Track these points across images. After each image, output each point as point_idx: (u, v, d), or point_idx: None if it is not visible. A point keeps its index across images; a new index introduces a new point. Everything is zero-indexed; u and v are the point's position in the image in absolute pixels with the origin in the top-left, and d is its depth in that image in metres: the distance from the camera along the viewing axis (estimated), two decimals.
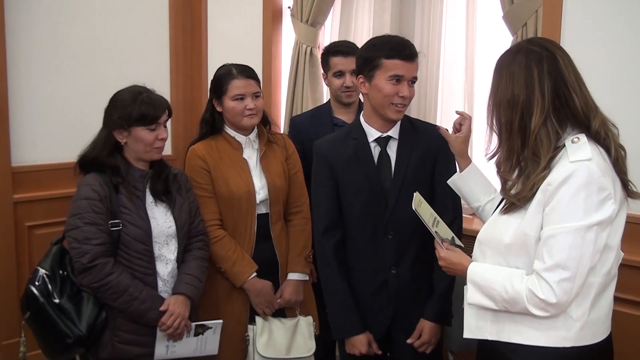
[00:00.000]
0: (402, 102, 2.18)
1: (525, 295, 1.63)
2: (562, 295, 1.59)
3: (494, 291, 1.69)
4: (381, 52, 2.17)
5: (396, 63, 2.15)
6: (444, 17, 3.22)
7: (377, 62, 2.17)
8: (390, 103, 2.18)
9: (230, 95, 2.55)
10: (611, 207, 1.60)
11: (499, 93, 1.71)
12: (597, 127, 1.67)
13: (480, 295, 1.74)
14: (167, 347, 2.39)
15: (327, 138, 2.42)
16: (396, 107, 2.19)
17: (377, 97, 2.19)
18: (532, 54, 1.68)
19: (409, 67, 2.17)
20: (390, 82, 2.16)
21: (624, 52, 2.47)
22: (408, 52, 2.17)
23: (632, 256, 2.30)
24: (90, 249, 2.22)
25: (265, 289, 2.59)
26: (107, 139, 2.35)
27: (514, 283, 1.66)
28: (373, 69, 2.18)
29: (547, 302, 1.60)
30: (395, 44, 2.18)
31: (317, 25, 3.56)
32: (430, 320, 2.27)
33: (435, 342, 2.31)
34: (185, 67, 4.17)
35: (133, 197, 2.34)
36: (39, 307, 2.24)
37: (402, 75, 2.16)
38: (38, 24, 3.45)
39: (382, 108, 2.21)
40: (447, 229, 1.94)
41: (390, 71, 2.15)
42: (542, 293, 1.60)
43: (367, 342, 2.27)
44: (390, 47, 2.17)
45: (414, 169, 2.25)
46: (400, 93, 2.16)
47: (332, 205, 2.31)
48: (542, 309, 1.62)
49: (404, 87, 2.17)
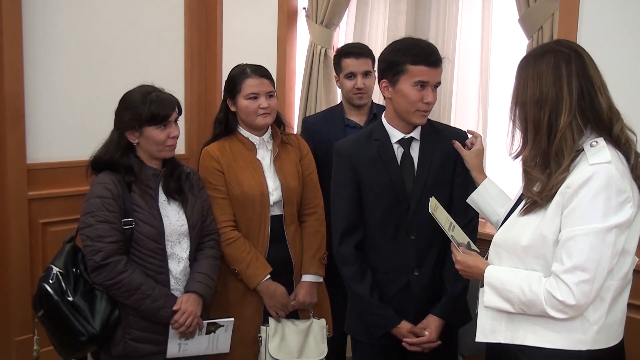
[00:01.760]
0: (427, 107, 2.18)
1: (543, 297, 1.63)
2: (581, 297, 1.59)
3: (511, 293, 1.69)
4: (407, 57, 2.14)
5: (422, 69, 2.14)
6: (459, 19, 3.21)
7: (402, 67, 2.15)
8: (416, 109, 2.18)
9: (244, 94, 2.55)
10: (630, 210, 1.60)
11: (527, 91, 1.70)
12: (618, 132, 1.68)
13: (498, 298, 1.73)
14: (179, 345, 2.40)
15: (348, 139, 2.41)
16: (421, 113, 2.19)
17: (402, 103, 2.19)
18: (561, 54, 1.68)
19: (434, 73, 2.16)
20: (415, 87, 2.15)
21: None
22: (434, 59, 2.16)
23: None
24: (103, 247, 2.23)
25: (279, 292, 2.58)
26: (120, 141, 2.35)
27: (531, 285, 1.66)
28: (398, 74, 2.16)
29: (566, 303, 1.59)
30: (421, 49, 2.16)
31: (332, 26, 3.56)
32: (438, 316, 2.25)
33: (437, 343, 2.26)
34: (200, 67, 4.18)
35: (146, 195, 2.34)
36: (53, 305, 2.24)
37: (427, 82, 2.15)
38: (54, 24, 3.48)
39: (407, 114, 2.20)
40: (462, 233, 1.94)
41: (415, 77, 2.14)
42: (561, 295, 1.59)
43: (410, 327, 2.25)
44: (416, 52, 2.15)
45: (436, 170, 2.25)
46: (425, 99, 2.16)
47: (353, 206, 2.30)
48: (561, 310, 1.62)
49: (428, 92, 2.16)
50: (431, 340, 2.24)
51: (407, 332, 2.25)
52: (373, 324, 2.30)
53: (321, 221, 2.70)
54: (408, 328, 2.25)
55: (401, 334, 2.26)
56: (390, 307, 2.27)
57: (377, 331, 2.29)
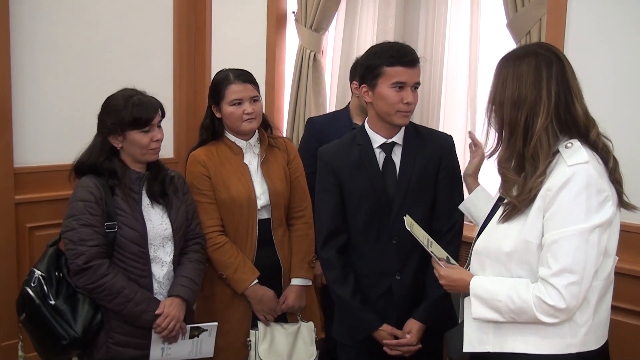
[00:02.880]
0: (407, 108, 2.19)
1: (533, 304, 1.62)
2: (571, 300, 1.59)
3: (500, 303, 1.68)
4: (383, 59, 2.16)
5: (398, 70, 2.15)
6: (448, 23, 3.22)
7: (379, 70, 2.17)
8: (397, 110, 2.18)
9: (228, 100, 2.54)
10: (611, 209, 1.61)
11: (506, 91, 1.70)
12: (594, 138, 1.69)
13: (486, 309, 1.72)
14: (163, 350, 2.39)
15: (331, 144, 2.42)
16: (402, 114, 2.20)
17: (383, 106, 2.19)
18: (542, 57, 1.69)
19: (411, 73, 2.17)
20: (393, 89, 2.16)
21: (627, 61, 2.46)
22: (409, 59, 2.17)
23: (624, 264, 2.30)
24: (85, 251, 2.23)
25: (267, 296, 2.58)
26: (103, 145, 2.35)
27: (520, 292, 1.65)
28: (376, 77, 2.18)
29: (557, 307, 1.59)
30: (396, 50, 2.18)
31: (321, 30, 3.56)
32: (418, 319, 2.25)
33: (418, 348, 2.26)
34: (189, 70, 4.17)
35: (129, 199, 2.34)
36: (34, 308, 2.25)
37: (405, 82, 2.16)
38: (42, 27, 3.47)
39: (388, 116, 2.21)
40: (440, 249, 1.94)
41: (393, 78, 2.16)
42: (551, 299, 1.59)
43: (391, 330, 2.25)
44: (391, 54, 2.17)
45: (419, 175, 2.25)
46: (405, 99, 2.17)
47: (336, 211, 2.31)
48: (552, 315, 1.61)
49: (407, 93, 2.17)
50: (410, 344, 2.24)
51: (388, 335, 2.25)
52: (354, 326, 2.30)
53: (309, 224, 2.69)
54: (389, 330, 2.25)
55: (382, 338, 2.26)
56: (372, 311, 2.27)
57: (358, 334, 2.29)
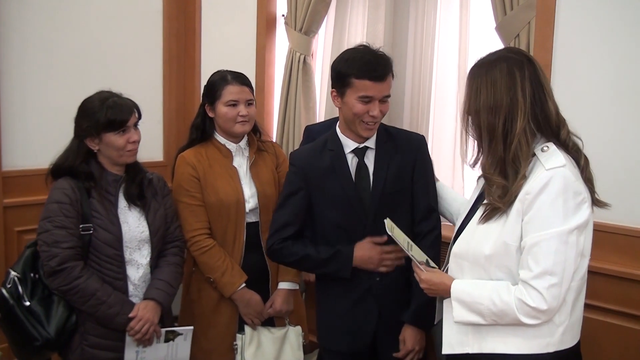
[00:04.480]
0: (373, 120, 2.15)
1: (515, 306, 1.65)
2: (552, 301, 1.62)
3: (482, 306, 1.70)
4: (352, 70, 2.11)
5: (366, 84, 2.10)
6: (437, 27, 3.21)
7: (348, 80, 2.12)
8: (361, 121, 2.15)
9: (224, 100, 2.54)
10: (587, 210, 1.65)
11: (480, 99, 1.71)
12: (565, 137, 1.72)
13: (468, 312, 1.74)
14: (137, 353, 2.38)
15: (303, 149, 2.40)
16: (366, 125, 2.16)
17: (348, 115, 2.17)
18: (513, 61, 1.71)
19: (380, 87, 2.12)
20: (360, 102, 2.12)
21: (615, 63, 2.47)
22: (379, 73, 2.10)
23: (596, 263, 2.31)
24: (59, 252, 2.23)
25: (255, 300, 2.57)
26: (79, 148, 2.35)
27: (501, 295, 1.67)
28: (344, 87, 2.14)
29: (539, 309, 1.62)
30: (365, 63, 2.11)
31: (311, 33, 3.55)
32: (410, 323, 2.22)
33: (421, 350, 2.26)
34: (179, 73, 4.17)
35: (105, 201, 2.34)
36: (8, 309, 2.26)
37: (372, 96, 2.12)
38: (31, 30, 3.47)
39: (353, 124, 2.18)
40: (420, 252, 1.94)
41: (360, 92, 2.11)
42: (533, 301, 1.62)
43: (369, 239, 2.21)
44: (359, 66, 2.10)
45: (393, 178, 2.22)
46: (371, 112, 2.12)
47: (295, 217, 2.27)
48: (534, 317, 1.64)
49: (374, 106, 2.12)
50: (409, 351, 2.23)
51: (367, 243, 2.20)
52: (337, 269, 2.23)
53: None
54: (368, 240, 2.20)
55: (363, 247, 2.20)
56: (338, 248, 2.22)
57: (345, 272, 2.22)
